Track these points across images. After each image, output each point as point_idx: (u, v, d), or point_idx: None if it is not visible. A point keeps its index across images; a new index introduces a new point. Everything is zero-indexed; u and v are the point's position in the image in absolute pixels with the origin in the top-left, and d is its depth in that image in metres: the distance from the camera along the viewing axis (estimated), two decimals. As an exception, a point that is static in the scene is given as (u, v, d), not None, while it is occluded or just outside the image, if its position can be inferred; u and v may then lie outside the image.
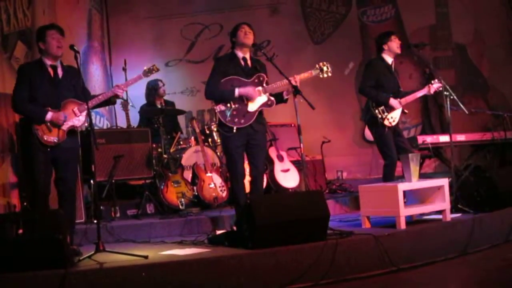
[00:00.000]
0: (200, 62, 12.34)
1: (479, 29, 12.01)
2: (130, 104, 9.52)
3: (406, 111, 8.12)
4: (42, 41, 6.34)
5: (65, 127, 6.27)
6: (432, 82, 8.16)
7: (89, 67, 10.88)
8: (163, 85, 9.86)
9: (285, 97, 7.04)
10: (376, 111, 7.87)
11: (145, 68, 6.84)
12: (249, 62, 7.09)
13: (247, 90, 6.89)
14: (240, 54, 7.06)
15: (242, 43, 7.02)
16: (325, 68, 7.09)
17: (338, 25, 12.60)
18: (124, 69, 10.11)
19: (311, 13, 12.66)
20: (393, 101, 7.89)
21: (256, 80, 6.99)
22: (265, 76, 7.03)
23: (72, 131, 6.37)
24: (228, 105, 6.85)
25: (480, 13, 11.93)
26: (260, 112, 7.00)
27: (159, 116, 9.00)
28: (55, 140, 6.23)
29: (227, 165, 7.18)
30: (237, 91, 6.85)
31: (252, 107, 6.93)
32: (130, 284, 5.23)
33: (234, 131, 6.86)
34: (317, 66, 7.10)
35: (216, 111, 6.94)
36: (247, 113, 6.89)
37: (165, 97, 10.10)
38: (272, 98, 6.99)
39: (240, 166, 6.98)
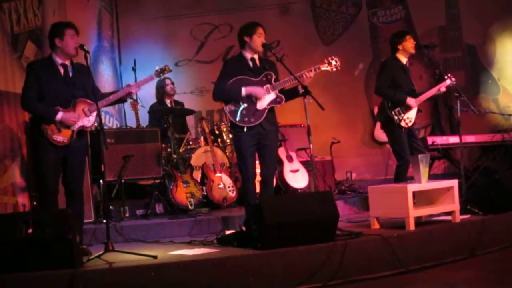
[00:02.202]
0: (210, 62, 12.34)
1: (489, 30, 11.98)
2: (140, 104, 9.52)
3: (421, 109, 8.11)
4: (60, 38, 6.20)
5: (75, 127, 6.20)
6: (446, 77, 8.13)
7: (99, 67, 10.90)
8: (171, 83, 9.84)
9: (301, 91, 6.98)
10: (392, 112, 7.85)
11: (157, 68, 6.73)
12: (257, 62, 7.08)
13: (254, 89, 6.86)
14: (248, 55, 7.02)
15: (256, 50, 7.01)
16: (333, 62, 7.04)
17: (348, 26, 12.58)
18: (134, 69, 10.12)
19: (321, 14, 12.65)
20: (410, 100, 7.87)
21: (264, 79, 6.96)
22: (273, 74, 7.00)
23: (82, 131, 6.32)
24: (238, 105, 6.84)
25: (490, 14, 11.89)
26: (271, 112, 6.99)
27: (168, 116, 9.00)
28: (64, 141, 6.15)
29: (238, 165, 7.16)
30: (244, 90, 6.81)
31: (261, 105, 6.90)
32: (139, 284, 5.24)
33: (245, 130, 6.85)
34: (325, 60, 7.05)
35: (226, 111, 6.93)
36: (257, 111, 6.86)
37: (175, 98, 10.10)
38: (281, 95, 6.96)
39: (251, 166, 6.96)
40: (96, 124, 6.41)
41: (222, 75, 6.98)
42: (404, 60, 8.11)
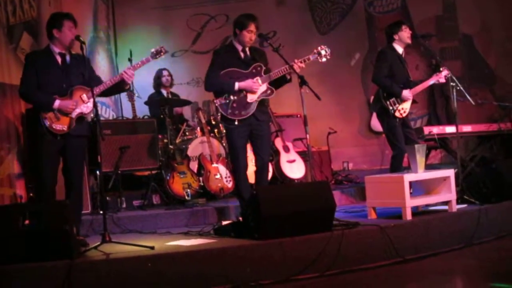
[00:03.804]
0: (206, 53, 12.28)
1: (486, 20, 11.97)
2: (136, 94, 9.52)
3: (416, 100, 8.12)
4: (58, 29, 6.21)
5: (73, 114, 6.18)
6: (441, 69, 8.12)
7: (95, 57, 10.87)
8: (168, 75, 9.86)
9: (288, 77, 7.01)
10: (388, 102, 7.86)
11: (152, 50, 6.65)
12: (248, 52, 7.11)
13: (247, 83, 6.90)
14: (239, 46, 7.08)
15: (243, 44, 7.06)
16: (323, 52, 7.07)
17: (344, 16, 12.57)
18: (130, 60, 10.11)
19: (317, 4, 12.64)
20: (405, 93, 7.88)
21: (254, 71, 7.01)
22: (262, 66, 7.04)
23: (81, 118, 6.29)
24: (228, 98, 6.87)
25: (487, 3, 11.88)
26: (262, 102, 7.01)
27: (165, 106, 8.99)
28: (64, 128, 6.15)
29: (230, 157, 7.21)
30: (237, 85, 6.87)
31: (252, 97, 6.94)
32: (136, 275, 5.25)
33: (236, 123, 6.89)
34: (315, 50, 7.08)
35: (216, 104, 6.97)
36: (247, 104, 6.91)
37: (171, 89, 10.09)
38: (272, 87, 6.99)
39: (242, 157, 7.01)
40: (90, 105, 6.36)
41: (214, 65, 7.04)
42: (400, 50, 8.12)
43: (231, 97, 6.86)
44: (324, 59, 7.08)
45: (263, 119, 7.06)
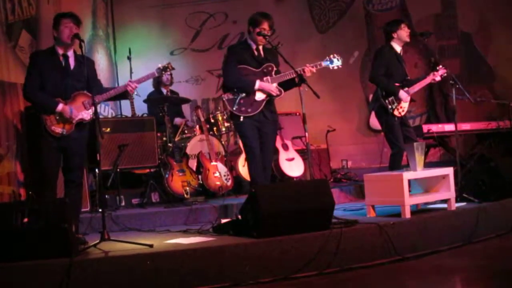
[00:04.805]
0: (205, 51, 12.33)
1: (484, 17, 11.96)
2: (135, 93, 9.49)
3: (414, 99, 8.13)
4: (56, 29, 6.22)
5: (74, 120, 6.19)
6: (438, 68, 8.12)
7: (94, 56, 10.87)
8: (169, 73, 9.84)
9: (297, 80, 7.02)
10: (386, 101, 7.86)
11: (159, 65, 6.76)
12: (261, 52, 7.12)
13: (269, 86, 6.93)
14: (253, 44, 7.10)
15: (256, 42, 7.08)
16: (335, 60, 7.10)
17: (343, 14, 12.55)
18: (129, 58, 10.10)
19: (316, 2, 12.62)
20: (402, 94, 7.87)
21: (265, 70, 7.03)
22: (273, 66, 7.07)
23: (80, 123, 6.28)
24: (236, 94, 6.88)
25: (485, 1, 11.87)
26: (270, 101, 7.02)
27: (163, 104, 8.99)
28: (63, 132, 6.15)
29: (244, 148, 7.21)
30: (257, 84, 6.88)
31: (260, 96, 6.95)
32: (135, 273, 5.25)
33: (242, 119, 6.90)
34: (327, 57, 7.11)
35: (224, 99, 6.99)
36: (254, 102, 6.92)
37: (171, 87, 10.08)
38: (281, 88, 7.00)
39: (255, 146, 6.99)
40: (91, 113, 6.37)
41: (230, 61, 7.05)
42: (398, 48, 8.11)
43: (240, 94, 6.88)
44: (335, 67, 7.11)
45: (271, 117, 7.08)
